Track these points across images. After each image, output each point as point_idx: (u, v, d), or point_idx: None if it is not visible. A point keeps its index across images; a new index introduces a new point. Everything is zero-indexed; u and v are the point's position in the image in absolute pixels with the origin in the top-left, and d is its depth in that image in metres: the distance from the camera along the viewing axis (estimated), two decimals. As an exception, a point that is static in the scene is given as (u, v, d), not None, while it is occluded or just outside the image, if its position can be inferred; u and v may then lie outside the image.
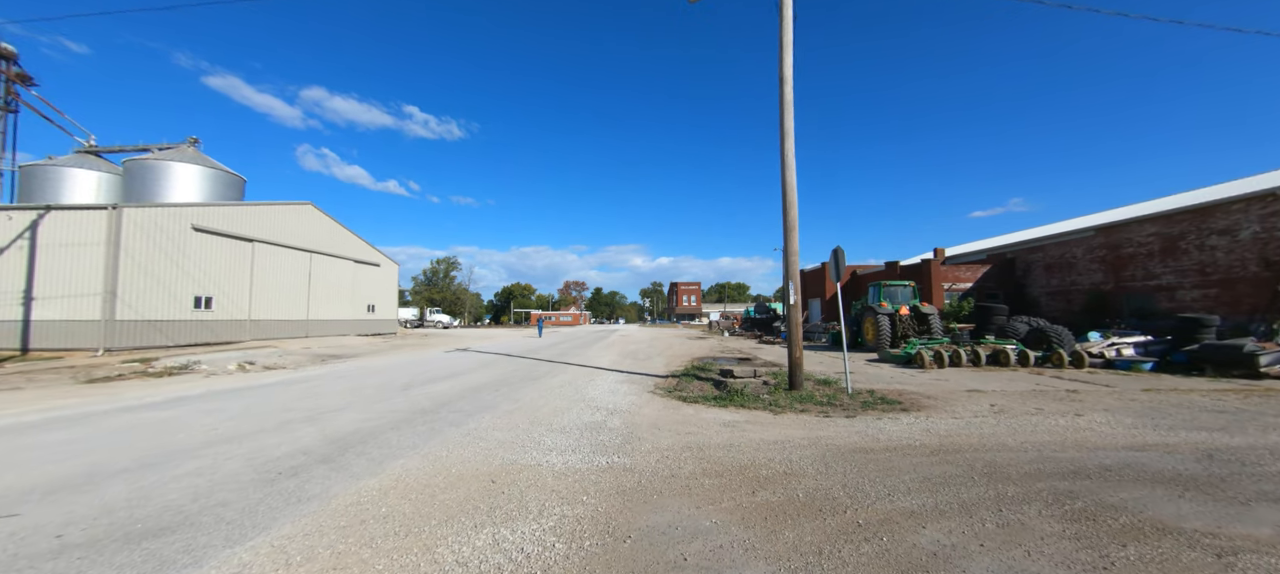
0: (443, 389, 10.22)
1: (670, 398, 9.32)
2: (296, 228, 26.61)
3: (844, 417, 7.47)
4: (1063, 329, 15.14)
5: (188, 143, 32.18)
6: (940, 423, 7.01)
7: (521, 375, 12.66)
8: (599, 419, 7.35)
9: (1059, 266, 24.73)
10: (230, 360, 16.44)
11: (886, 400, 8.68)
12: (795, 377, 9.55)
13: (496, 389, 10.26)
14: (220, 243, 21.45)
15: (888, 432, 6.49)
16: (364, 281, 33.14)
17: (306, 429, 6.61)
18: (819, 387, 10.22)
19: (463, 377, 12.37)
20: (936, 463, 5.07)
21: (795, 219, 9.74)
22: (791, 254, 9.69)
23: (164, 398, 9.40)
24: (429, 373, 13.24)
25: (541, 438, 6.16)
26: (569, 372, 13.57)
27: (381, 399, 9.06)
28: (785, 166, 9.76)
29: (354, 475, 4.71)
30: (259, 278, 23.67)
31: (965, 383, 11.00)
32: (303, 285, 26.99)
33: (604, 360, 17.02)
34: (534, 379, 11.91)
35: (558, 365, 15.28)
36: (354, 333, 31.18)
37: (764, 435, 6.35)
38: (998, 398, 9.06)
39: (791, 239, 9.68)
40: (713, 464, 5.07)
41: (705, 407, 8.46)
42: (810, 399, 8.74)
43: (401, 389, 10.22)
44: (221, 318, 21.40)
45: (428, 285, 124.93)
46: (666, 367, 15.05)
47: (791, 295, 9.67)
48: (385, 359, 17.89)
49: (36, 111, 50.84)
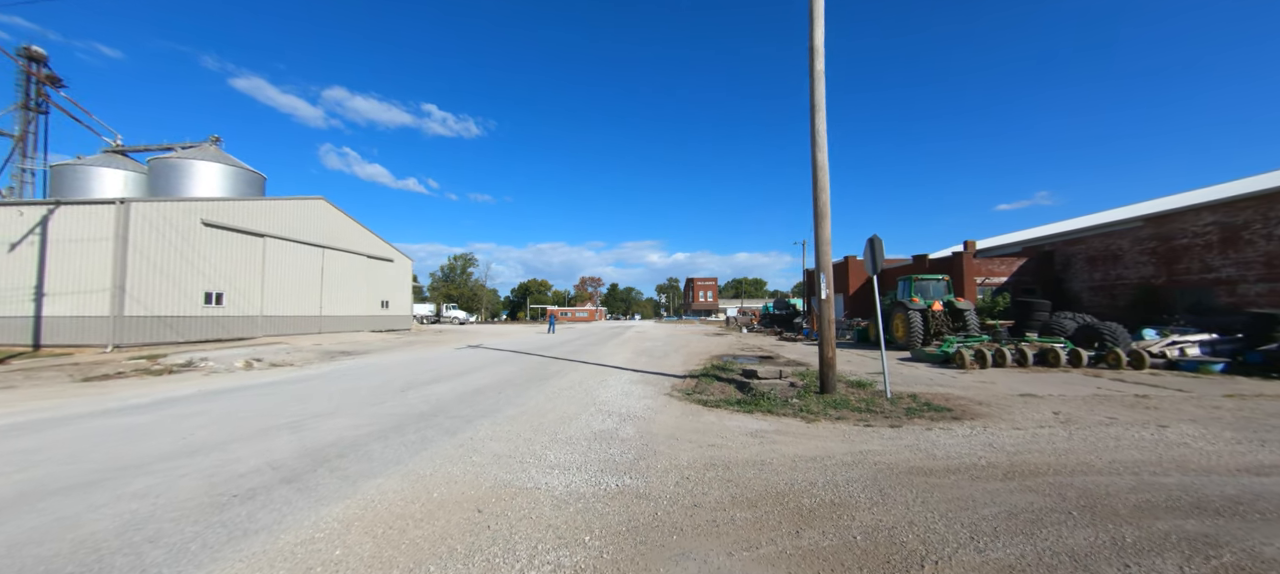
0: (443, 391, 9.55)
1: (689, 402, 8.50)
2: (309, 223, 26.36)
3: (888, 426, 6.57)
4: (1116, 326, 13.90)
5: (210, 141, 32.69)
6: (1003, 435, 6.07)
7: (529, 375, 11.96)
8: (610, 427, 6.57)
9: (1103, 259, 23.20)
10: (237, 357, 16.08)
11: (933, 406, 7.74)
12: (827, 379, 8.65)
13: (500, 391, 9.55)
14: (231, 238, 21.21)
15: (944, 447, 5.58)
16: (377, 277, 32.89)
17: (285, 438, 5.95)
18: (853, 390, 9.30)
19: (468, 376, 11.71)
20: (1017, 491, 4.17)
21: (827, 204, 8.82)
22: (823, 243, 8.78)
23: (152, 399, 8.89)
24: (434, 372, 12.63)
25: (543, 452, 5.39)
26: (580, 371, 12.83)
27: (376, 402, 8.41)
28: (816, 145, 8.83)
29: (318, 500, 3.99)
30: (271, 273, 23.44)
31: (1015, 386, 9.97)
32: (315, 281, 26.75)
33: (618, 359, 16.26)
34: (542, 379, 11.19)
35: (569, 364, 14.57)
36: (367, 329, 30.95)
37: (799, 449, 5.49)
38: (1058, 404, 8.04)
39: (823, 227, 8.76)
40: (743, 489, 4.25)
41: (728, 412, 7.63)
42: (845, 405, 7.84)
43: (400, 390, 9.58)
44: (233, 314, 21.18)
45: (445, 282, 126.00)
46: (684, 366, 14.22)
47: (823, 288, 8.76)
48: (394, 356, 17.39)
49: (65, 112, 51.95)
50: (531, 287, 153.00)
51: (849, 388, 9.42)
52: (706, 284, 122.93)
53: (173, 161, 27.46)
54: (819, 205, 8.79)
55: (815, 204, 8.84)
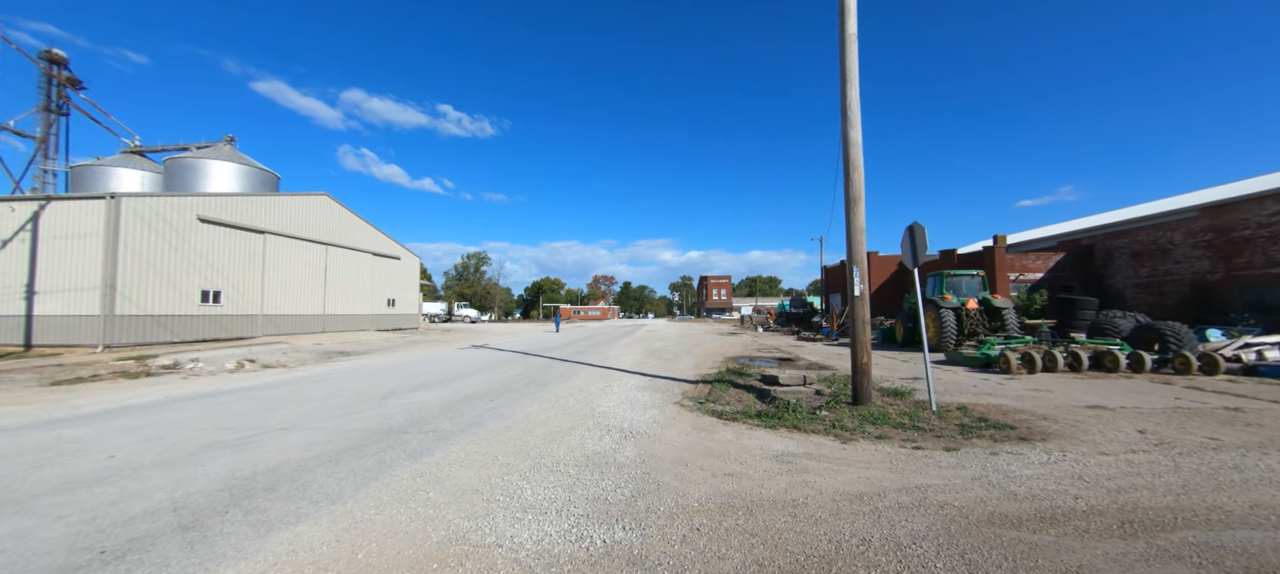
0: (429, 398, 8.60)
1: (701, 413, 7.42)
2: (311, 219, 25.78)
3: (943, 449, 5.43)
4: (1180, 326, 12.47)
5: (224, 141, 33.02)
6: (1090, 463, 4.90)
7: (528, 379, 10.98)
8: (606, 449, 5.53)
9: (1150, 254, 21.54)
10: (229, 358, 15.39)
11: (989, 422, 6.56)
12: (861, 387, 7.50)
13: (492, 398, 8.57)
14: (229, 235, 20.61)
15: (1022, 480, 4.43)
16: (383, 275, 32.27)
17: (219, 462, 5.01)
18: (890, 399, 8.14)
19: (461, 381, 10.77)
20: (1155, 559, 3.03)
21: (861, 188, 7.67)
22: (855, 231, 7.62)
23: (106, 407, 8.07)
24: (426, 375, 11.72)
25: (520, 485, 4.37)
26: (583, 374, 11.82)
27: (350, 411, 7.48)
28: (847, 120, 7.68)
29: (207, 560, 3.02)
30: (271, 271, 22.85)
31: (1075, 395, 8.71)
32: (318, 279, 26.16)
33: (625, 360, 15.22)
34: (541, 385, 10.20)
35: (573, 366, 13.57)
36: (373, 328, 30.35)
37: (838, 482, 4.40)
38: (1138, 419, 6.80)
39: (855, 213, 7.61)
40: (773, 549, 3.17)
41: (746, 426, 6.55)
42: (885, 419, 6.69)
43: (381, 397, 8.65)
44: (231, 312, 20.60)
45: (459, 280, 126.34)
46: (696, 368, 13.13)
47: (856, 283, 7.61)
48: (392, 358, 16.58)
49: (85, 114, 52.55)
50: (545, 285, 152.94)
51: (885, 397, 8.26)
52: (720, 282, 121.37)
53: (187, 161, 27.65)
54: (851, 189, 7.64)
55: (846, 187, 7.69)
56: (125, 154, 39.20)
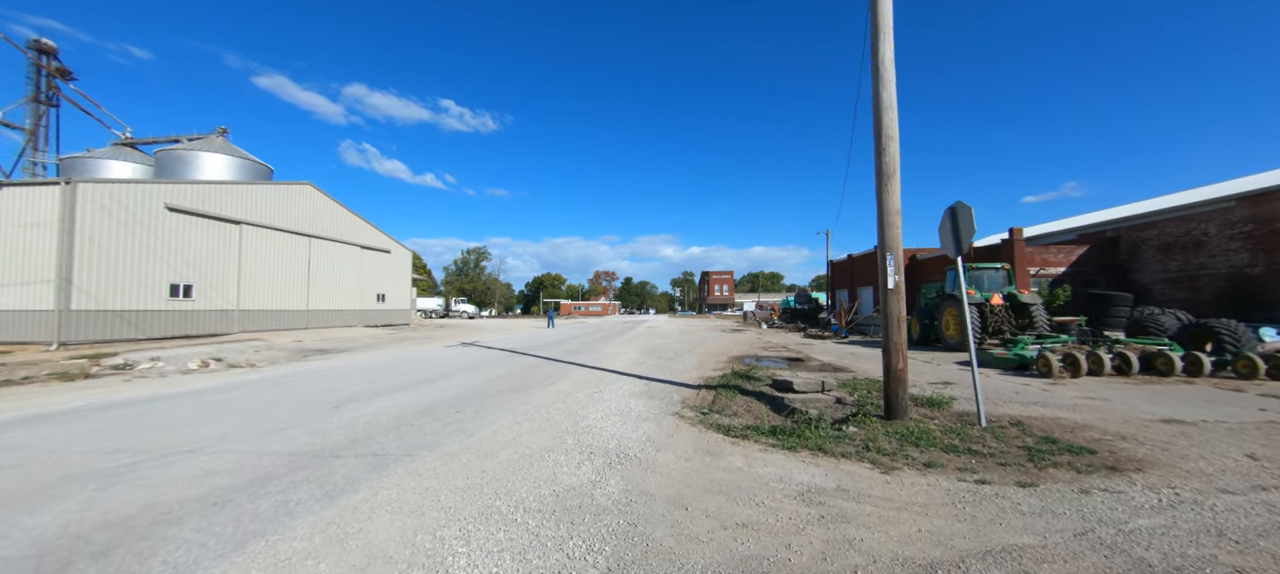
0: (386, 407, 7.41)
1: (705, 427, 6.23)
2: (293, 210, 24.55)
3: (1014, 484, 4.23)
4: (1236, 324, 11.23)
5: (216, 133, 32.36)
6: (1219, 508, 3.69)
7: (511, 382, 9.80)
8: (584, 482, 4.34)
9: (1181, 246, 20.25)
10: (194, 357, 14.25)
11: (1059, 442, 5.35)
12: (896, 398, 6.29)
13: (460, 408, 7.37)
14: (201, 225, 19.40)
15: (1142, 538, 3.22)
16: (372, 269, 31.02)
17: (59, 506, 3.83)
18: (925, 411, 6.93)
19: (433, 384, 9.58)
20: None
21: (895, 162, 6.45)
22: (889, 213, 6.40)
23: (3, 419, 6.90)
24: (398, 377, 10.55)
25: (453, 550, 3.16)
26: (573, 377, 10.63)
27: (283, 426, 6.30)
28: (879, 80, 6.45)
29: None
30: (249, 264, 21.66)
31: (1137, 404, 7.49)
32: (300, 273, 24.95)
33: (621, 360, 14.03)
34: (522, 389, 9.01)
35: (563, 367, 12.38)
36: (361, 324, 29.19)
37: (894, 541, 3.20)
38: (1234, 439, 5.58)
39: (889, 191, 6.38)
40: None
41: (760, 447, 5.35)
42: (928, 439, 5.49)
43: (331, 407, 7.46)
44: (204, 308, 19.43)
45: (458, 276, 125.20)
46: (698, 370, 11.94)
47: (890, 273, 6.39)
48: (371, 356, 15.41)
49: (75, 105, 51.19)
50: (546, 281, 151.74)
51: (919, 408, 7.05)
52: (722, 278, 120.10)
53: (178, 153, 26.83)
54: (884, 162, 6.41)
55: (878, 161, 6.46)
56: (116, 146, 38.43)
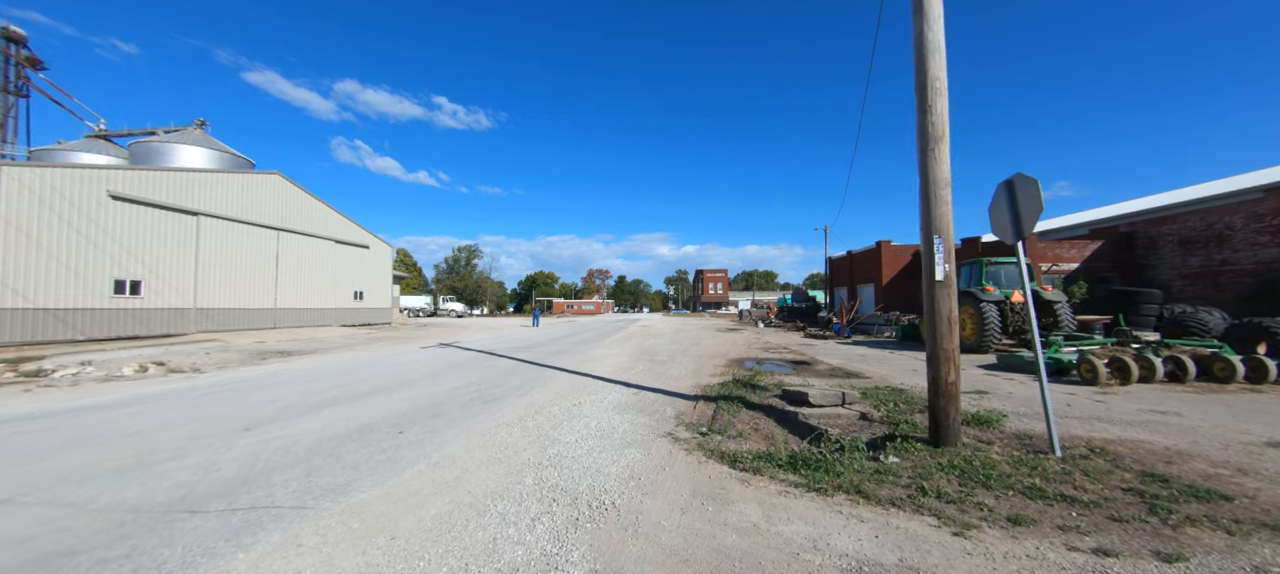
0: (313, 428, 6.02)
1: (706, 455, 4.91)
2: (260, 201, 22.92)
3: (1152, 556, 2.96)
4: (1294, 324, 10.06)
5: (195, 124, 31.12)
6: None
7: (475, 392, 8.43)
8: (537, 556, 3.00)
9: (1202, 241, 19.17)
10: (133, 360, 12.77)
11: (1171, 483, 4.07)
12: (946, 420, 4.97)
13: (403, 429, 6.00)
14: (151, 216, 17.79)
15: None
16: (349, 265, 29.38)
17: None
18: (976, 432, 5.63)
19: (385, 396, 8.19)
20: None
21: (943, 120, 5.14)
22: (937, 184, 5.10)
23: None
24: (347, 386, 9.15)
25: None
26: (551, 385, 9.27)
27: (171, 456, 4.91)
28: (923, 15, 5.13)
29: None
30: (208, 258, 20.06)
31: (1221, 420, 6.23)
32: (268, 268, 23.34)
33: (609, 363, 12.68)
34: (488, 402, 7.64)
35: (542, 372, 11.02)
36: (337, 323, 27.61)
37: None
38: (1391, 473, 4.33)
39: (936, 158, 5.08)
40: None
41: (778, 487, 4.06)
42: (996, 477, 4.19)
43: (245, 428, 6.06)
44: (155, 306, 17.84)
45: (449, 273, 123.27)
46: (695, 375, 10.61)
47: (940, 263, 5.07)
48: (333, 359, 13.97)
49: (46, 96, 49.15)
50: (538, 278, 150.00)
51: (972, 431, 5.74)
52: (716, 276, 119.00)
53: (154, 145, 25.31)
54: (930, 121, 5.10)
55: (922, 120, 5.16)
56: (89, 138, 36.93)
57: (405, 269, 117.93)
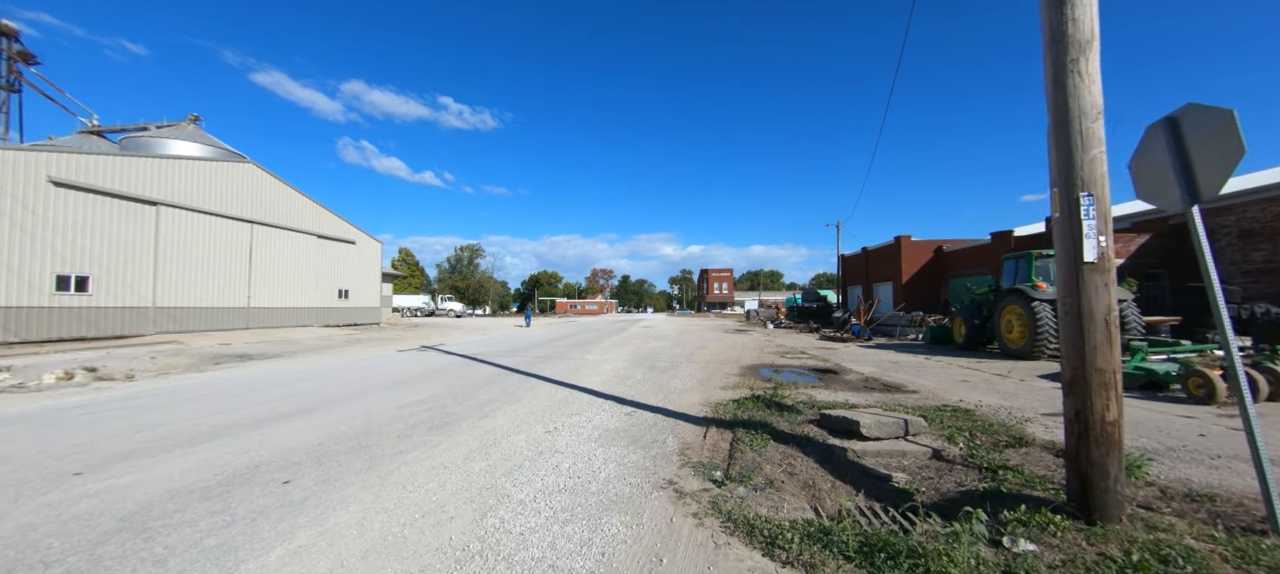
0: (166, 475, 4.30)
1: (725, 526, 3.13)
2: (230, 191, 21.24)
3: None
4: None
5: (188, 120, 30.75)
6: None
7: (429, 413, 6.69)
8: None
9: (1268, 232, 17.23)
10: (59, 365, 11.18)
11: None
12: (1104, 481, 3.18)
13: (290, 479, 4.26)
14: (100, 204, 16.17)
15: None
16: (333, 261, 27.66)
17: None
18: (1131, 491, 3.83)
19: (305, 419, 6.47)
20: None
21: (1093, 19, 3.35)
22: (1081, 115, 3.31)
23: None
24: (273, 404, 7.44)
25: None
26: (528, 400, 7.52)
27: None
28: None
29: None
30: (169, 253, 18.42)
31: None
32: (240, 264, 21.70)
33: (602, 371, 10.93)
34: (438, 428, 5.90)
35: (523, 383, 9.28)
36: (319, 323, 25.97)
37: None
38: None
39: (1080, 74, 3.30)
40: None
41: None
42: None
43: (71, 474, 4.35)
44: (107, 304, 16.23)
45: (451, 273, 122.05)
46: (703, 388, 8.84)
47: (1092, 235, 3.29)
48: (291, 365, 12.29)
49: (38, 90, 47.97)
50: (542, 278, 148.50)
51: (1150, 495, 3.93)
52: (721, 275, 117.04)
53: (145, 140, 24.47)
54: (1070, 20, 3.32)
55: (1057, 17, 3.37)
56: (82, 133, 36.44)
57: (407, 268, 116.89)
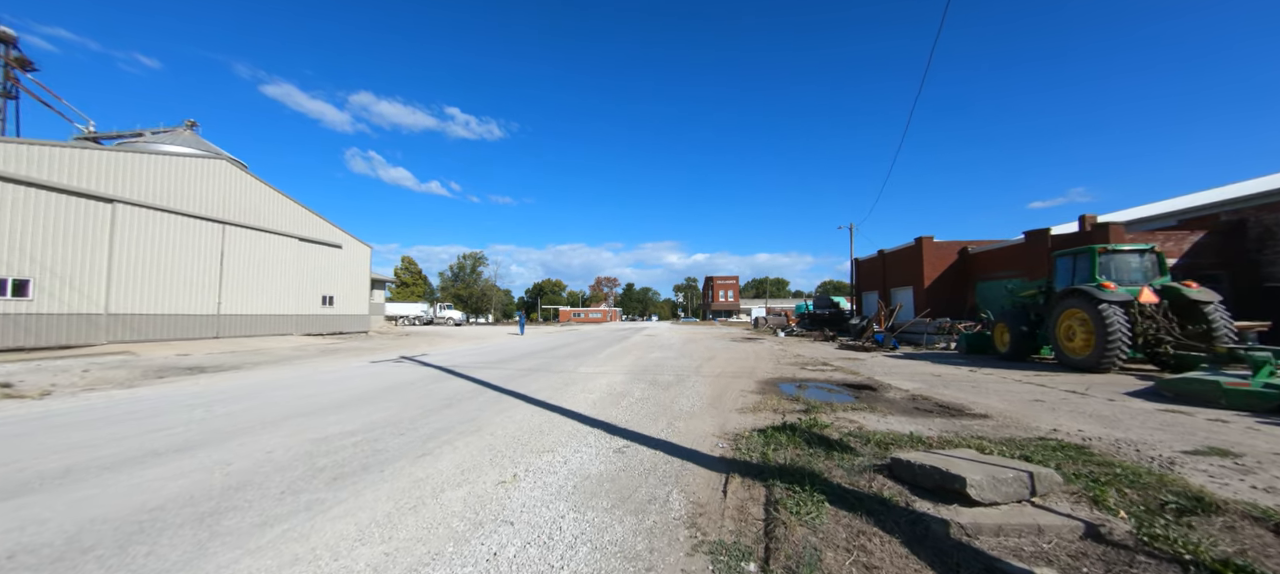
0: None
1: None
2: (200, 190, 19.76)
3: None
4: None
5: (185, 126, 29.14)
6: None
7: (354, 450, 5.01)
8: None
9: (1345, 228, 15.35)
10: (-34, 383, 9.57)
11: None
12: None
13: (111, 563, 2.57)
14: (45, 200, 14.66)
15: None
16: (316, 266, 26.08)
17: None
18: None
19: (182, 458, 4.81)
20: None
21: None
22: None
23: None
24: (171, 434, 5.79)
25: None
26: (491, 430, 5.82)
27: None
28: None
29: None
30: (126, 254, 16.91)
31: None
32: (210, 268, 20.18)
33: (595, 388, 9.22)
34: (349, 477, 4.23)
35: (495, 403, 7.58)
36: (299, 331, 24.39)
37: None
38: None
39: None
40: None
41: None
42: None
43: None
44: (50, 311, 14.71)
45: (454, 281, 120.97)
46: (715, 410, 7.11)
47: None
48: (242, 379, 10.66)
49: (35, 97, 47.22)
50: (545, 286, 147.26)
51: None
52: (727, 283, 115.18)
53: (139, 146, 23.20)
54: None
55: None
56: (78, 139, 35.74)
57: (410, 276, 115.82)
